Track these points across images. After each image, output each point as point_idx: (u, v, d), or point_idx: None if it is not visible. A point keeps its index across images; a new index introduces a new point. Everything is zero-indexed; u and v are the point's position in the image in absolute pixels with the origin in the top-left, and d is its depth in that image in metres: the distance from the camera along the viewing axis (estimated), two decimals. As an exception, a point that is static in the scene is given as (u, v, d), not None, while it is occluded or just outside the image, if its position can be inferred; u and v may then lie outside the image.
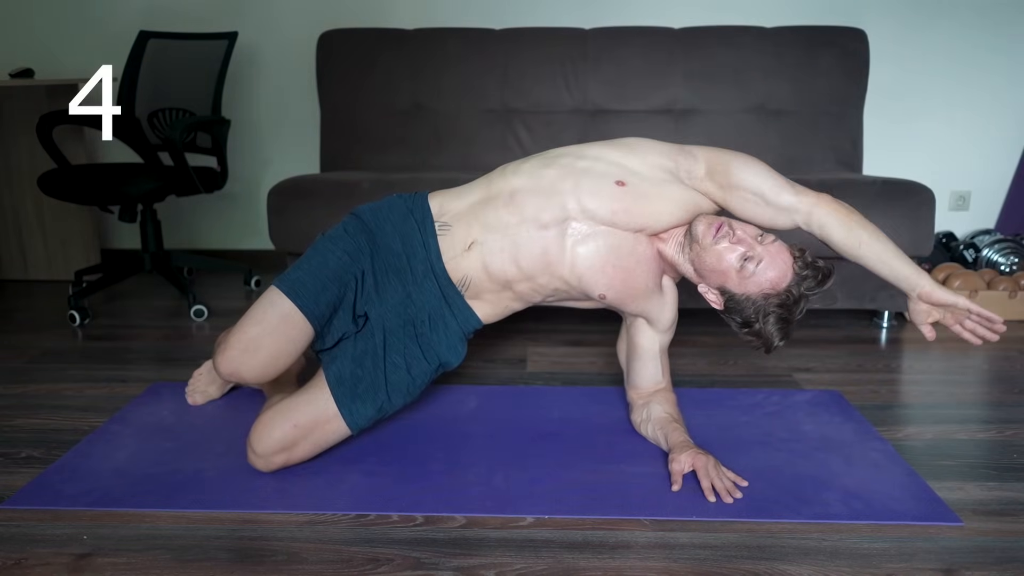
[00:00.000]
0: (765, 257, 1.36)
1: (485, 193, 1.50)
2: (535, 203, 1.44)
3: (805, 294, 1.37)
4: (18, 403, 1.79)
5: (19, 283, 2.98)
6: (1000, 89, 2.96)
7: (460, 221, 1.49)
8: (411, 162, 2.77)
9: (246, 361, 1.36)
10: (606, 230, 1.44)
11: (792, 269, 1.37)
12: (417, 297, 1.50)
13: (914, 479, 1.41)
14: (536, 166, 1.49)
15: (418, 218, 1.52)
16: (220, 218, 3.22)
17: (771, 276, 1.36)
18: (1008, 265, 2.74)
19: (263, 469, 1.41)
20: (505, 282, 1.49)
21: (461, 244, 1.48)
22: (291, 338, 1.39)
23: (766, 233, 1.41)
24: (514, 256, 1.46)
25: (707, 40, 2.72)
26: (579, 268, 1.45)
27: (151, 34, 2.45)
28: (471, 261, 1.48)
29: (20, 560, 1.17)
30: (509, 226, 1.45)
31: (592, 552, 1.20)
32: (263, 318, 1.39)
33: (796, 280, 1.37)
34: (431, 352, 1.50)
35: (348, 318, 1.48)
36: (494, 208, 1.47)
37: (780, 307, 1.37)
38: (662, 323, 1.56)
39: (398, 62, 2.76)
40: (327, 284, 1.44)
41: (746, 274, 1.37)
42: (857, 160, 2.76)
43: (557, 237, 1.44)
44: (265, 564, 1.16)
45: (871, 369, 2.03)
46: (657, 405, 1.56)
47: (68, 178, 2.38)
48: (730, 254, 1.38)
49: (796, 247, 1.40)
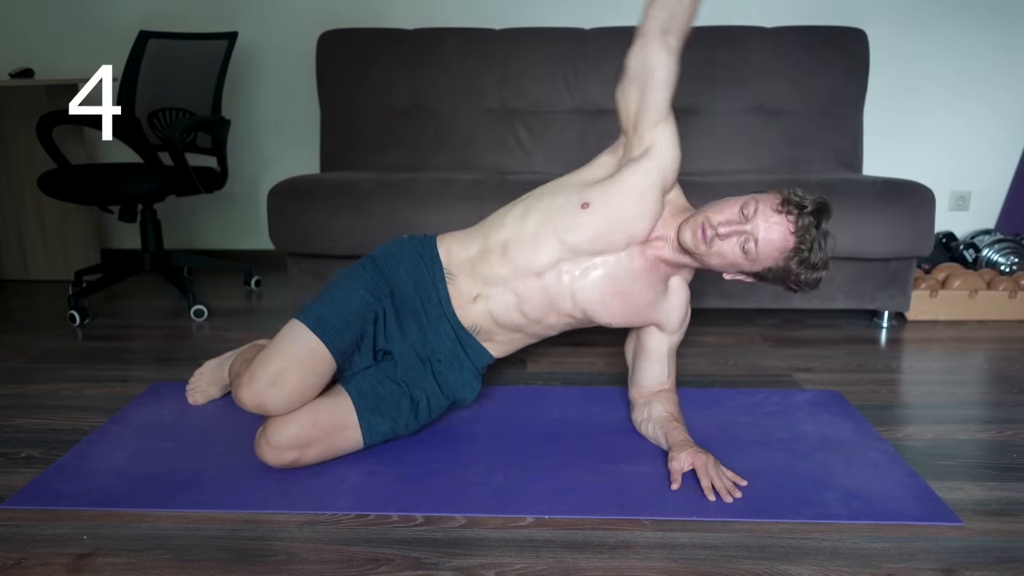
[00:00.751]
0: (760, 232, 1.34)
1: (482, 245, 1.53)
2: (524, 254, 1.47)
3: (815, 237, 1.34)
4: (18, 403, 1.79)
5: (19, 283, 2.98)
6: (1000, 89, 2.96)
7: (463, 272, 1.53)
8: (411, 162, 2.77)
9: (273, 395, 1.36)
10: (599, 260, 1.46)
11: (789, 223, 1.34)
12: (432, 338, 1.54)
13: (914, 479, 1.41)
14: (517, 216, 1.51)
15: (428, 264, 1.56)
16: (220, 218, 3.22)
17: (776, 245, 1.35)
18: (1008, 265, 2.73)
19: (271, 462, 1.40)
20: (515, 327, 1.54)
21: (467, 295, 1.53)
22: (317, 372, 1.41)
23: (746, 204, 1.37)
24: (518, 306, 1.50)
25: (707, 40, 2.72)
26: (581, 303, 1.48)
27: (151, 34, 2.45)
28: (478, 311, 1.53)
29: (20, 560, 1.17)
30: (507, 279, 1.49)
31: (592, 552, 1.20)
32: (290, 352, 1.40)
33: (800, 230, 1.33)
34: (447, 388, 1.54)
35: (369, 355, 1.52)
36: (489, 263, 1.50)
37: (801, 262, 1.35)
38: (671, 325, 1.55)
39: (398, 62, 2.76)
40: (351, 321, 1.47)
41: (752, 256, 1.36)
42: (857, 160, 2.76)
43: (554, 281, 1.47)
44: (265, 564, 1.16)
45: (871, 369, 2.03)
46: (658, 404, 1.56)
47: (68, 178, 2.38)
48: (729, 248, 1.37)
49: (780, 198, 1.35)
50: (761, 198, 1.37)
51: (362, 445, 1.47)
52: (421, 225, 2.19)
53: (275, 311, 2.57)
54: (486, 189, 2.25)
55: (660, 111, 1.45)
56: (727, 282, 2.31)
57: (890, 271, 2.32)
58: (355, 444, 1.46)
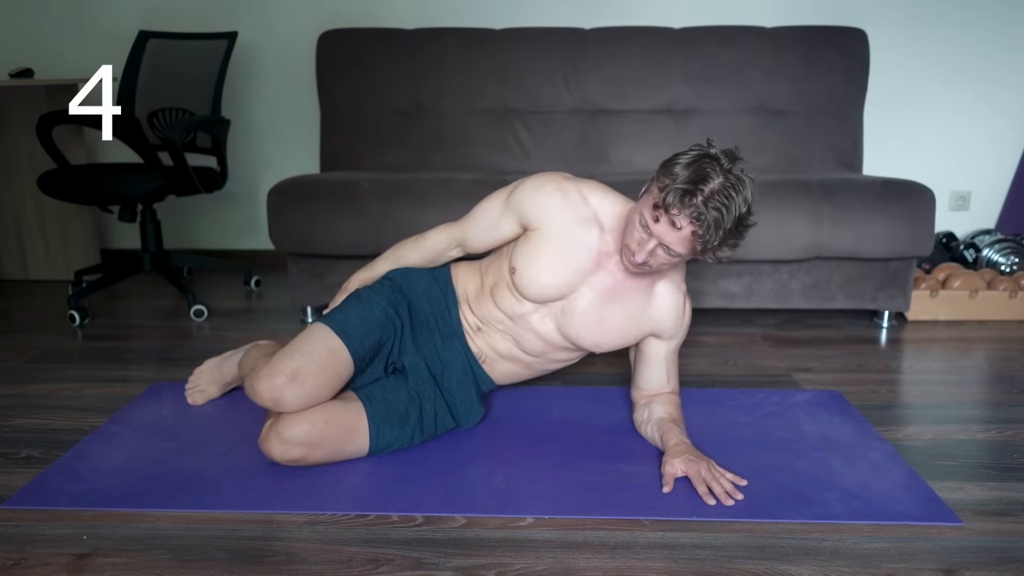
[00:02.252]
0: (663, 237, 1.28)
1: (479, 285, 1.59)
2: (507, 301, 1.53)
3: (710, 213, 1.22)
4: (18, 403, 1.79)
5: (19, 283, 2.98)
6: (1000, 89, 2.96)
7: (465, 305, 1.61)
8: (411, 162, 2.77)
9: (292, 390, 1.36)
10: (571, 298, 1.49)
11: (669, 220, 1.25)
12: (445, 355, 1.58)
13: (914, 479, 1.41)
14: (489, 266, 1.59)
15: (441, 286, 1.63)
16: (220, 218, 3.22)
17: (679, 241, 1.27)
18: (1008, 265, 2.73)
19: (277, 457, 1.39)
20: (515, 359, 1.60)
21: (472, 324, 1.60)
22: (336, 373, 1.42)
23: (641, 216, 1.30)
24: (517, 343, 1.57)
25: (707, 40, 2.72)
26: (571, 337, 1.52)
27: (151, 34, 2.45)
28: (481, 342, 1.59)
29: (20, 560, 1.17)
30: (500, 321, 1.56)
31: (592, 552, 1.19)
32: (312, 349, 1.41)
33: (688, 219, 1.24)
34: (454, 407, 1.57)
35: (381, 367, 1.54)
36: (485, 304, 1.56)
37: (706, 248, 1.26)
38: (665, 332, 1.54)
39: (398, 62, 2.76)
40: (372, 329, 1.50)
41: (677, 255, 1.31)
42: (857, 160, 2.76)
43: (540, 324, 1.52)
44: (265, 564, 1.16)
45: (871, 369, 2.03)
46: (659, 406, 1.56)
47: (68, 178, 2.38)
48: (660, 260, 1.33)
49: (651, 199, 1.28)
50: (643, 203, 1.31)
51: (367, 452, 1.47)
52: (421, 225, 2.19)
53: (275, 311, 2.57)
54: (486, 189, 2.22)
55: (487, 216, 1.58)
56: (727, 282, 2.32)
57: (890, 271, 2.32)
58: (360, 449, 1.46)
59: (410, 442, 1.51)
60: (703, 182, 1.22)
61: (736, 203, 1.24)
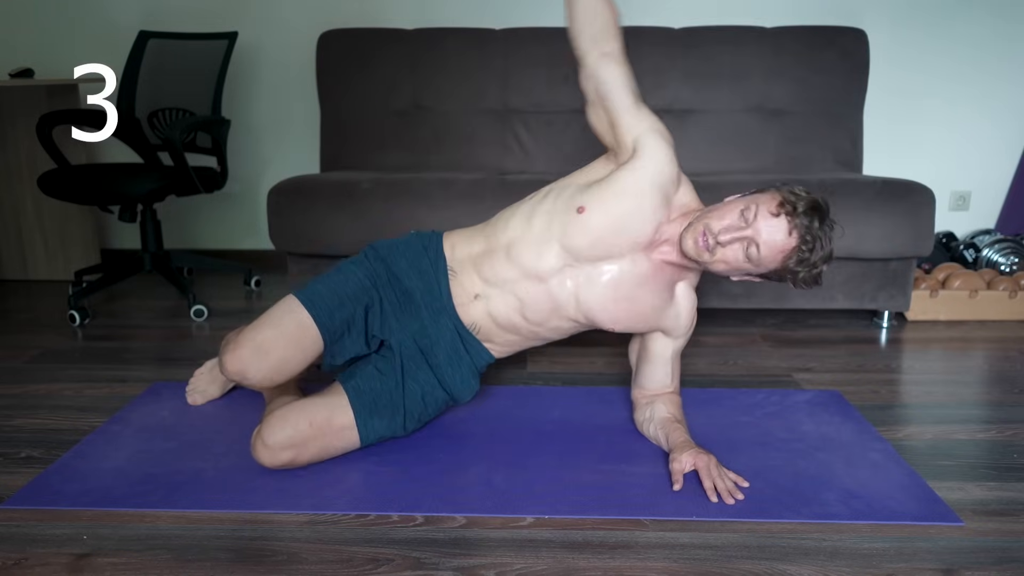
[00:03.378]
0: (761, 236, 1.33)
1: (487, 244, 1.52)
2: (529, 257, 1.46)
3: (818, 235, 1.32)
4: (18, 403, 1.79)
5: (19, 283, 2.98)
6: (1000, 89, 2.96)
7: (464, 270, 1.52)
8: (411, 162, 2.77)
9: (255, 363, 1.36)
10: (603, 267, 1.45)
11: (789, 224, 1.32)
12: (433, 331, 1.53)
13: (914, 479, 1.41)
14: (523, 218, 1.50)
15: (432, 257, 1.55)
16: (220, 218, 3.22)
17: (779, 247, 1.33)
18: (1008, 265, 2.73)
19: (267, 463, 1.40)
20: (515, 330, 1.53)
21: (468, 293, 1.52)
22: (302, 347, 1.41)
23: (746, 209, 1.35)
24: (520, 310, 1.50)
25: (707, 40, 2.72)
26: (584, 308, 1.48)
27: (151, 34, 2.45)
28: (478, 311, 1.52)
29: (20, 560, 1.17)
30: (508, 281, 1.48)
31: (592, 552, 1.20)
32: (279, 322, 1.41)
33: (800, 229, 1.32)
34: (445, 383, 1.53)
35: (361, 340, 1.50)
36: (492, 263, 1.49)
37: (800, 262, 1.33)
38: (677, 331, 1.55)
39: (398, 62, 2.76)
40: (344, 301, 1.47)
41: (756, 259, 1.35)
42: (857, 160, 2.76)
43: (558, 286, 1.47)
44: (265, 564, 1.16)
45: (871, 369, 2.03)
46: (661, 405, 1.56)
47: (68, 178, 2.38)
48: (732, 254, 1.36)
49: (778, 199, 1.34)
50: (760, 199, 1.35)
51: (358, 445, 1.47)
52: (421, 225, 2.19)
53: (275, 311, 2.57)
54: (486, 189, 2.25)
55: (629, 111, 1.44)
56: (727, 282, 2.32)
57: (890, 271, 2.32)
58: (352, 444, 1.46)
59: (403, 429, 1.49)
60: (821, 216, 1.34)
61: (828, 248, 1.35)
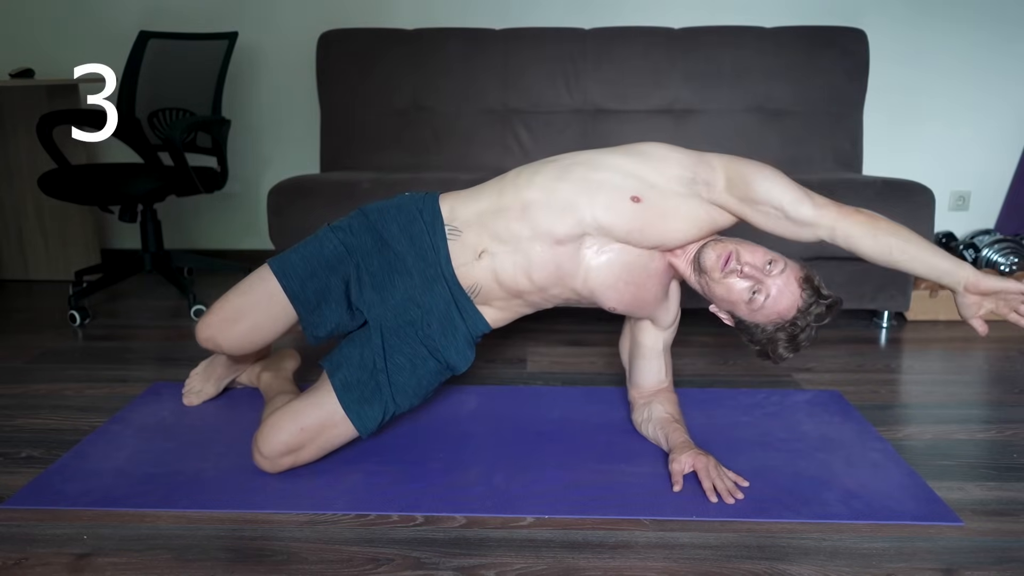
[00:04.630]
0: (773, 290, 1.35)
1: (497, 201, 1.46)
2: (549, 218, 1.41)
3: (812, 324, 1.36)
4: (18, 403, 1.79)
5: (19, 283, 2.98)
6: (1000, 89, 2.96)
7: (470, 228, 1.46)
8: (411, 162, 2.77)
9: (224, 329, 1.41)
10: (620, 247, 1.43)
11: (800, 298, 1.36)
12: (424, 299, 1.48)
13: (914, 479, 1.41)
14: (550, 178, 1.44)
15: (427, 220, 1.49)
16: (220, 218, 3.22)
17: (780, 309, 1.36)
18: (1008, 265, 2.73)
19: (269, 471, 1.41)
20: (517, 292, 1.48)
21: (472, 252, 1.46)
22: (273, 315, 1.44)
23: (775, 261, 1.38)
24: (526, 270, 1.44)
25: (707, 40, 2.72)
26: (592, 283, 1.45)
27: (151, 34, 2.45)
28: (482, 270, 1.46)
29: (20, 560, 1.17)
30: (521, 239, 1.42)
31: (592, 552, 1.20)
32: (249, 291, 1.45)
33: (803, 310, 1.35)
34: (439, 353, 1.48)
35: (342, 309, 1.48)
36: (505, 219, 1.43)
37: (788, 338, 1.37)
38: (666, 321, 1.57)
39: (398, 62, 2.76)
40: (317, 271, 1.46)
41: (755, 306, 1.36)
42: (857, 160, 2.76)
43: (571, 253, 1.42)
44: (265, 564, 1.16)
45: (871, 369, 2.03)
46: (659, 405, 1.56)
47: (68, 178, 2.38)
48: (739, 287, 1.37)
49: (805, 274, 1.38)
50: (790, 263, 1.39)
51: (359, 436, 1.44)
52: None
53: (275, 311, 2.57)
54: (486, 189, 2.24)
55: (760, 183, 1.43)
56: (727, 282, 2.31)
57: (890, 271, 2.32)
58: (351, 435, 1.43)
59: (394, 403, 1.43)
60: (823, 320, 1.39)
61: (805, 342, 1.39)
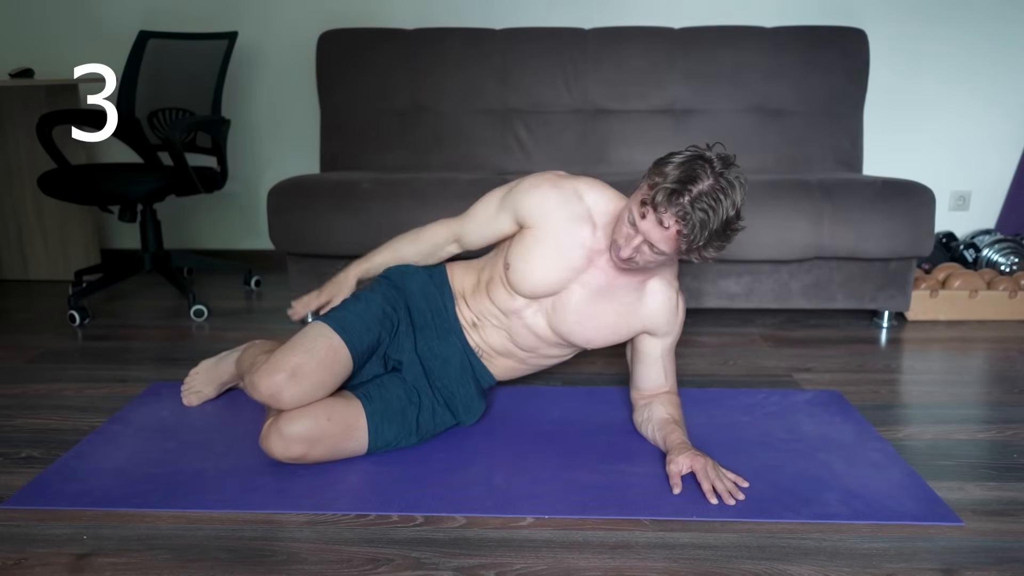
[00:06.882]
0: (648, 235, 1.29)
1: (476, 279, 1.62)
2: (501, 297, 1.55)
3: (698, 215, 1.22)
4: (18, 403, 1.79)
5: (19, 283, 2.98)
6: (1000, 89, 2.96)
7: (462, 301, 1.63)
8: (411, 162, 2.77)
9: (291, 386, 1.37)
10: (561, 297, 1.50)
11: (658, 217, 1.25)
12: (443, 349, 1.59)
13: (914, 479, 1.41)
14: (490, 263, 1.61)
15: (437, 283, 1.65)
16: (220, 218, 3.22)
17: (665, 239, 1.27)
18: (1008, 265, 2.73)
19: (278, 454, 1.39)
20: (510, 354, 1.62)
21: (468, 320, 1.62)
22: (335, 371, 1.43)
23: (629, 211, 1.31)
24: (511, 338, 1.59)
25: (707, 40, 2.72)
26: (561, 335, 1.54)
27: (151, 34, 2.45)
28: (478, 337, 1.61)
29: (20, 560, 1.17)
30: (494, 315, 1.58)
31: (592, 552, 1.20)
32: (312, 347, 1.42)
33: (677, 219, 1.24)
34: (452, 403, 1.57)
35: (379, 364, 1.56)
36: (480, 300, 1.59)
37: (692, 249, 1.28)
38: (659, 329, 1.54)
39: (398, 62, 2.76)
40: (371, 326, 1.51)
41: (661, 252, 1.31)
42: (857, 160, 2.76)
43: (532, 320, 1.54)
44: (265, 564, 1.16)
45: (871, 369, 2.03)
46: (659, 406, 1.56)
47: (68, 178, 2.38)
48: (643, 259, 1.34)
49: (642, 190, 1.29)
50: (633, 198, 1.32)
51: (365, 450, 1.47)
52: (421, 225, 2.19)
53: (275, 311, 2.57)
54: (486, 189, 2.21)
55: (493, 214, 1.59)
56: (727, 282, 2.32)
57: (890, 271, 2.32)
58: (360, 447, 1.46)
59: (408, 441, 1.51)
60: (692, 183, 1.23)
61: (724, 206, 1.25)
